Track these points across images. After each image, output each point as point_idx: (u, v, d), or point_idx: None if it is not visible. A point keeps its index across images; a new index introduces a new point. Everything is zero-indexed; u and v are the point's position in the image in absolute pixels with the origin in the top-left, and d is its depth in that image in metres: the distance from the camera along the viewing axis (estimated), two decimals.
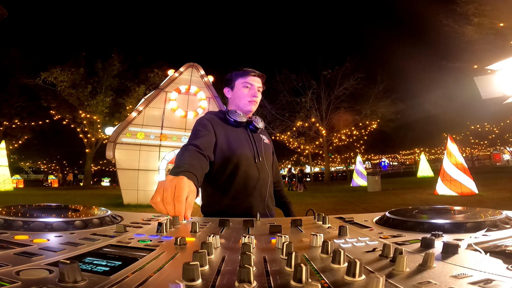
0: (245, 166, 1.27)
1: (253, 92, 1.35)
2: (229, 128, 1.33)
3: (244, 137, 1.34)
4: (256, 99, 1.36)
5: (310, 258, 0.39)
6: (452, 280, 0.29)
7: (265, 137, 1.45)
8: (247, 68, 1.38)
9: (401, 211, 0.70)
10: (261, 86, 1.41)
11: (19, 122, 20.99)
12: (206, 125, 1.27)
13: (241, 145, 1.30)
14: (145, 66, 20.67)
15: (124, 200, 8.71)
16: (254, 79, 1.36)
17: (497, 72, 4.98)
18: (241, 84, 1.36)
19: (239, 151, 1.28)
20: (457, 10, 13.70)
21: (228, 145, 1.27)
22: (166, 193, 0.74)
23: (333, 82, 22.72)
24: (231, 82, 1.40)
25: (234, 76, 1.39)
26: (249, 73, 1.37)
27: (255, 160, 1.32)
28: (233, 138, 1.30)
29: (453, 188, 8.34)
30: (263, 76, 1.41)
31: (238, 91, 1.37)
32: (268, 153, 1.41)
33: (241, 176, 1.26)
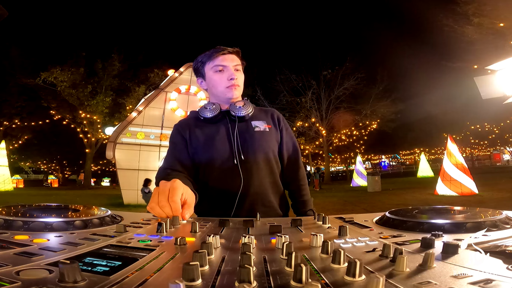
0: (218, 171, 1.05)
1: (228, 74, 1.09)
2: (204, 128, 1.11)
3: (218, 134, 1.09)
4: (235, 82, 1.10)
5: (310, 258, 0.39)
6: (452, 280, 0.30)
7: (260, 123, 1.13)
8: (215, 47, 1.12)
9: (401, 211, 0.70)
10: (239, 63, 1.14)
11: (19, 122, 21.01)
12: (173, 137, 1.13)
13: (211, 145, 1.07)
14: (145, 66, 20.73)
15: (124, 200, 8.73)
16: (225, 58, 1.10)
17: (497, 72, 4.98)
18: (212, 69, 1.11)
19: (209, 153, 1.07)
20: (457, 10, 13.71)
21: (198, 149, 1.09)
22: (161, 196, 0.74)
23: (333, 82, 22.72)
24: (201, 70, 1.16)
25: (201, 63, 1.15)
26: (217, 52, 1.10)
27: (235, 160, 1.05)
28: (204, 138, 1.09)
29: (453, 188, 8.34)
30: (237, 52, 1.14)
31: (210, 78, 1.12)
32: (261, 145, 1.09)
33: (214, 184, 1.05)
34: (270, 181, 1.10)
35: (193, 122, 1.14)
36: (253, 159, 1.07)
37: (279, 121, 1.19)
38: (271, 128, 1.15)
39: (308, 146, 23.84)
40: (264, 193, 1.07)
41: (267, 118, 1.17)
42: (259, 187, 1.06)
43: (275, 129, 1.17)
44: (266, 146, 1.11)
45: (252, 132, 1.10)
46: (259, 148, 1.09)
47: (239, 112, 1.09)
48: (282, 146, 1.17)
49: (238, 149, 1.06)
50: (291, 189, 1.17)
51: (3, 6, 1.04)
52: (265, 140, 1.11)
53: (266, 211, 1.03)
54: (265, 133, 1.12)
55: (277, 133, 1.16)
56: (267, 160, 1.10)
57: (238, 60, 1.14)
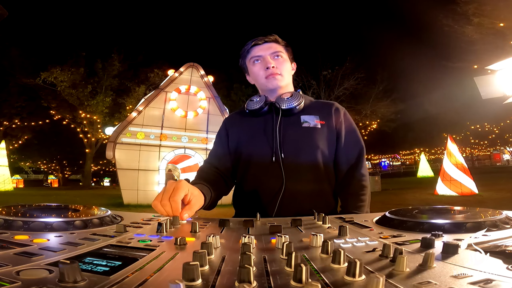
0: (254, 169, 0.97)
1: (265, 63, 1.03)
2: (249, 121, 1.04)
3: (260, 129, 1.01)
4: (274, 71, 1.02)
5: (310, 258, 0.39)
6: (452, 280, 0.30)
7: (310, 118, 0.99)
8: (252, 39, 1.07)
9: (401, 211, 0.70)
10: (280, 50, 1.06)
11: (19, 122, 21.02)
12: (219, 131, 1.12)
13: (251, 141, 1.01)
14: (145, 66, 20.74)
15: (124, 200, 8.72)
16: (261, 48, 1.05)
17: (497, 72, 4.98)
18: (250, 62, 1.08)
19: (248, 148, 1.00)
20: (457, 10, 13.70)
21: (239, 143, 1.04)
22: (165, 194, 0.75)
23: (333, 82, 22.71)
24: (243, 65, 1.14)
25: (241, 59, 1.13)
26: (252, 44, 1.06)
27: (273, 158, 0.95)
28: (246, 132, 1.04)
29: (453, 188, 8.34)
30: (275, 40, 1.06)
31: (251, 71, 1.09)
32: (306, 144, 0.96)
33: (249, 184, 0.98)
34: (315, 188, 0.95)
35: (240, 116, 1.09)
36: (294, 159, 0.94)
37: (338, 116, 1.03)
38: (324, 124, 1.00)
39: None
40: (305, 201, 0.92)
41: (322, 112, 1.02)
42: (301, 193, 0.93)
43: (331, 125, 1.01)
44: (313, 145, 0.96)
45: (298, 128, 0.98)
46: (304, 146, 0.96)
47: (285, 104, 0.98)
48: (339, 145, 1.00)
49: (278, 146, 0.95)
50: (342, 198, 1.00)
51: (3, 6, 1.04)
52: (313, 138, 0.97)
53: None
54: (314, 130, 0.98)
55: (332, 131, 1.01)
56: (312, 162, 0.95)
57: (278, 46, 1.06)
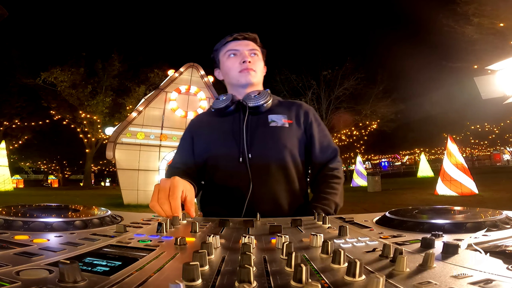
0: (221, 171, 0.94)
1: (242, 57, 1.00)
2: (216, 120, 1.01)
3: (229, 128, 0.97)
4: (249, 65, 0.99)
5: (310, 258, 0.39)
6: (452, 280, 0.29)
7: (278, 117, 0.97)
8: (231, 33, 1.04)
9: (401, 211, 0.70)
10: (256, 49, 1.04)
11: (19, 122, 21.02)
12: (184, 134, 1.09)
13: (219, 139, 0.97)
14: (145, 66, 20.73)
15: (124, 200, 8.72)
16: (239, 43, 1.02)
17: (497, 72, 4.98)
18: (225, 55, 1.04)
19: (214, 149, 0.97)
20: (457, 10, 13.70)
21: (205, 144, 1.01)
22: (161, 193, 0.73)
23: (333, 82, 22.72)
24: (215, 58, 1.09)
25: (215, 51, 1.08)
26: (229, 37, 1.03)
27: (240, 158, 0.92)
28: (212, 132, 1.00)
29: (453, 188, 8.34)
30: (254, 38, 1.05)
31: (224, 64, 1.04)
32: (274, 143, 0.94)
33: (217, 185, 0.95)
34: (285, 189, 0.93)
35: (206, 116, 1.07)
36: (262, 159, 0.92)
37: (307, 116, 1.02)
38: (292, 123, 0.98)
39: None
40: (275, 201, 0.91)
41: (289, 111, 1.00)
42: (270, 194, 0.91)
43: (299, 125, 1.00)
44: (281, 145, 0.94)
45: (266, 127, 0.95)
46: (272, 146, 0.93)
47: (252, 102, 0.95)
48: (314, 144, 1.00)
49: (244, 146, 0.92)
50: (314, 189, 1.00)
51: (3, 6, 1.04)
52: (281, 138, 0.95)
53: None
54: (282, 129, 0.96)
55: (301, 130, 0.99)
56: (280, 162, 0.93)
57: (255, 45, 1.05)
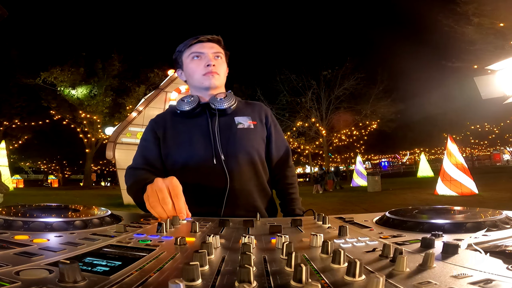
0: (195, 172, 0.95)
1: (206, 61, 1.01)
2: (182, 122, 1.01)
3: (198, 130, 0.99)
4: (213, 69, 1.01)
5: (310, 258, 0.39)
6: (452, 280, 0.30)
7: (244, 119, 1.03)
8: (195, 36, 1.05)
9: (401, 211, 0.70)
10: (220, 51, 1.05)
11: (19, 122, 21.03)
12: (145, 135, 1.05)
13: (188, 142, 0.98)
14: (145, 66, 20.74)
15: (124, 200, 8.71)
16: (203, 46, 1.03)
17: (497, 72, 4.98)
18: (188, 57, 1.04)
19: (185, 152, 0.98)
20: (457, 10, 13.70)
21: (173, 147, 1.00)
22: (162, 193, 0.71)
23: (333, 82, 22.73)
24: (178, 60, 1.09)
25: (178, 52, 1.08)
26: (194, 39, 1.04)
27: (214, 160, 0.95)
28: (180, 134, 1.00)
29: (453, 188, 8.34)
30: (218, 40, 1.06)
31: (187, 67, 1.05)
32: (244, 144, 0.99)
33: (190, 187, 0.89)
34: (255, 184, 1.00)
35: (170, 117, 1.05)
36: (235, 159, 0.96)
37: (267, 117, 1.09)
38: (256, 124, 1.04)
39: (308, 146, 23.84)
40: (249, 197, 0.97)
41: (252, 113, 1.06)
42: (243, 190, 0.96)
43: (261, 125, 1.06)
44: (250, 145, 1.00)
45: (234, 129, 1.00)
46: (242, 147, 0.99)
47: (220, 104, 0.98)
48: (271, 144, 1.08)
49: (218, 148, 0.96)
50: (278, 188, 1.09)
51: (3, 6, 1.04)
52: (249, 139, 1.01)
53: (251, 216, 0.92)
54: (249, 131, 1.02)
55: (263, 130, 1.07)
56: (251, 161, 1.00)
57: (219, 48, 1.06)
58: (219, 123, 0.99)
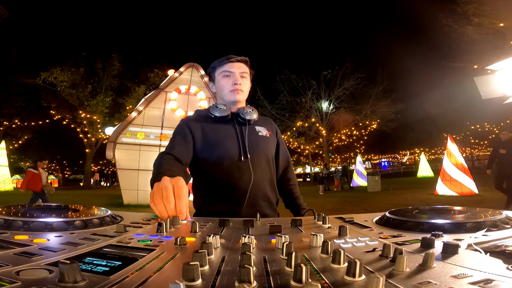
0: (225, 167, 1.14)
1: (234, 79, 1.22)
2: (213, 126, 1.21)
3: (227, 133, 1.20)
4: (239, 87, 1.22)
5: (310, 258, 0.39)
6: (452, 280, 0.30)
7: (262, 129, 1.27)
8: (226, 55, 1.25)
9: (401, 211, 0.70)
10: (246, 71, 1.26)
11: (19, 122, 21.02)
12: (181, 130, 1.20)
13: (221, 143, 1.17)
14: (145, 66, 20.75)
15: (124, 200, 8.71)
16: (233, 66, 1.23)
17: (497, 72, 4.97)
18: (220, 74, 1.24)
19: (218, 150, 1.16)
20: (457, 10, 13.70)
21: (206, 145, 1.17)
22: (167, 192, 0.73)
23: (333, 82, 22.73)
24: (212, 74, 1.29)
25: (212, 68, 1.28)
26: (226, 60, 1.23)
27: (241, 158, 1.15)
28: (213, 136, 1.18)
29: (453, 188, 8.34)
30: (245, 61, 1.26)
31: (219, 82, 1.25)
32: (263, 148, 1.22)
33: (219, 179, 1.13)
34: (268, 180, 1.23)
35: (203, 119, 1.23)
36: (257, 159, 1.18)
37: (277, 131, 1.37)
38: (271, 134, 1.30)
39: (308, 146, 23.83)
40: (264, 190, 1.19)
41: (267, 125, 1.32)
42: (261, 184, 1.18)
43: (273, 136, 1.32)
44: (267, 149, 1.25)
45: (256, 136, 1.24)
46: (262, 150, 1.22)
47: (248, 116, 1.21)
48: (279, 152, 1.34)
49: (245, 149, 1.17)
50: (284, 188, 1.34)
51: (3, 6, 1.04)
52: (266, 144, 1.26)
53: (264, 205, 1.18)
54: (266, 138, 1.27)
55: (275, 140, 1.32)
56: (267, 161, 1.23)
57: (246, 68, 1.26)
58: (246, 130, 1.22)
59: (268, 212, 1.17)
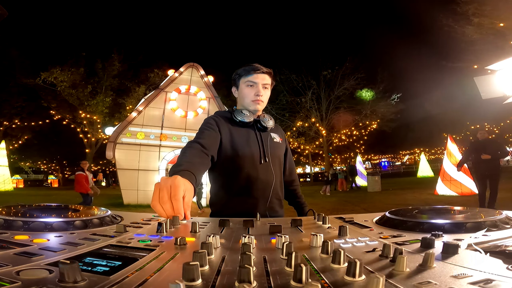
0: (248, 168, 1.25)
1: (256, 90, 1.30)
2: (236, 128, 1.31)
3: (250, 138, 1.31)
4: (260, 98, 1.31)
5: (310, 258, 0.39)
6: (452, 280, 0.29)
7: (276, 136, 1.41)
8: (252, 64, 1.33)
9: (401, 211, 0.70)
10: (268, 83, 1.35)
11: (19, 122, 21.02)
12: (212, 124, 1.28)
13: (246, 145, 1.28)
14: (145, 66, 20.73)
15: (124, 200, 8.72)
16: (257, 77, 1.31)
17: (497, 72, 4.97)
18: (245, 83, 1.33)
19: (242, 152, 1.26)
20: (457, 10, 13.70)
21: (232, 145, 1.26)
22: (162, 192, 0.73)
23: (333, 82, 22.72)
24: (237, 81, 1.38)
25: (238, 75, 1.36)
26: (252, 71, 1.32)
27: (261, 161, 1.28)
28: (238, 138, 1.28)
29: (453, 188, 8.34)
30: (269, 73, 1.35)
31: (242, 90, 1.34)
32: (277, 153, 1.37)
33: (243, 178, 1.24)
34: (280, 180, 1.36)
35: (228, 121, 1.33)
36: (274, 161, 1.32)
37: (285, 138, 1.51)
38: (282, 141, 1.44)
39: (308, 146, 23.83)
40: (277, 189, 1.33)
41: (279, 132, 1.46)
42: (279, 183, 1.34)
43: (284, 143, 1.46)
44: (280, 154, 1.39)
45: (272, 141, 1.37)
46: (277, 154, 1.36)
47: (268, 124, 1.35)
48: (287, 155, 1.48)
49: (263, 153, 1.30)
50: (289, 188, 1.49)
51: (3, 6, 1.04)
52: (280, 149, 1.40)
53: (276, 203, 1.31)
54: (279, 144, 1.40)
55: (284, 146, 1.46)
56: (280, 164, 1.38)
57: (269, 79, 1.35)
58: (263, 136, 1.35)
59: (277, 209, 1.30)
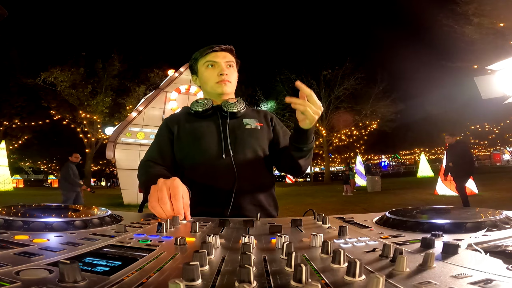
0: (204, 167, 1.02)
1: (219, 70, 1.09)
2: (193, 122, 1.10)
3: (208, 129, 1.08)
4: (225, 78, 1.09)
5: (310, 258, 0.39)
6: (452, 280, 0.30)
7: (252, 121, 1.12)
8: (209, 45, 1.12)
9: (401, 211, 0.70)
10: (232, 60, 1.13)
11: (19, 122, 21.04)
12: (160, 131, 1.13)
13: (200, 140, 1.05)
14: (145, 66, 20.75)
15: (124, 200, 8.72)
16: (217, 55, 1.11)
17: (497, 72, 4.98)
18: (204, 65, 1.12)
19: (195, 149, 1.05)
20: (457, 10, 13.71)
21: (184, 144, 1.08)
22: (161, 193, 0.73)
23: (333, 82, 22.73)
24: (194, 67, 1.17)
25: (194, 60, 1.16)
26: (209, 49, 1.11)
27: (222, 156, 1.02)
28: (192, 133, 1.08)
29: (453, 188, 8.32)
30: (230, 50, 1.14)
31: (202, 74, 1.13)
32: (250, 142, 1.07)
33: (199, 180, 1.00)
34: (260, 180, 1.08)
35: (183, 117, 1.13)
36: (242, 156, 1.04)
37: (272, 119, 1.19)
38: (263, 126, 1.13)
39: None
40: (254, 192, 1.04)
41: (259, 117, 1.16)
42: (249, 185, 1.03)
43: (267, 127, 1.15)
44: (256, 144, 1.08)
45: (243, 129, 1.09)
46: (249, 145, 1.07)
47: (231, 108, 1.08)
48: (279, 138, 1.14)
49: (227, 145, 1.03)
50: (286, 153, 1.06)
51: (3, 6, 1.04)
52: (256, 138, 1.09)
53: (253, 210, 1.00)
54: (256, 131, 1.11)
55: (270, 133, 1.15)
56: (256, 158, 1.07)
57: (231, 57, 1.14)
58: (229, 124, 1.08)
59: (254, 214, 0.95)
